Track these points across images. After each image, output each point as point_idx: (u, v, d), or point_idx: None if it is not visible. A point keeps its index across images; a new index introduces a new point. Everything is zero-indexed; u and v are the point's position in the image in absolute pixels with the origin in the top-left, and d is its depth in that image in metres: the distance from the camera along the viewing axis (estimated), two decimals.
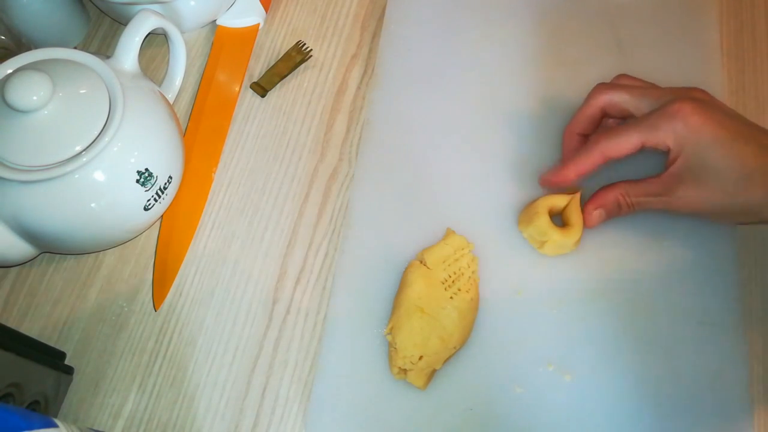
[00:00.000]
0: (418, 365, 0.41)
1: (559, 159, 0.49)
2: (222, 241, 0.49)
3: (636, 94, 0.45)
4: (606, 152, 0.44)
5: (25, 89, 0.40)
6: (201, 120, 0.53)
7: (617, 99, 0.45)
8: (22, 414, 0.30)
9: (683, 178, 0.43)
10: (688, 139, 0.42)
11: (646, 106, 0.44)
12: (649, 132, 0.43)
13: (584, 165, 0.45)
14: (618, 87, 0.46)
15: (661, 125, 0.42)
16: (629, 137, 0.43)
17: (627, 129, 0.43)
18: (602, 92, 0.46)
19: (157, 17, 0.47)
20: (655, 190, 0.44)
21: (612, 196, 0.45)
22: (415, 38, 0.54)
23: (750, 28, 0.55)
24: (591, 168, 0.45)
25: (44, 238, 0.44)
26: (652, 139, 0.43)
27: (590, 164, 0.44)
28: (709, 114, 0.42)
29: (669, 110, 0.42)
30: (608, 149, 0.44)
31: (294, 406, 0.44)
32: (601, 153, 0.44)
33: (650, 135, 0.43)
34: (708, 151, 0.41)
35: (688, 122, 0.42)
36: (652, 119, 0.43)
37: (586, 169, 0.45)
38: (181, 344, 0.46)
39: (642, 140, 0.43)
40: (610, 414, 0.42)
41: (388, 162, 0.50)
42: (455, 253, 0.44)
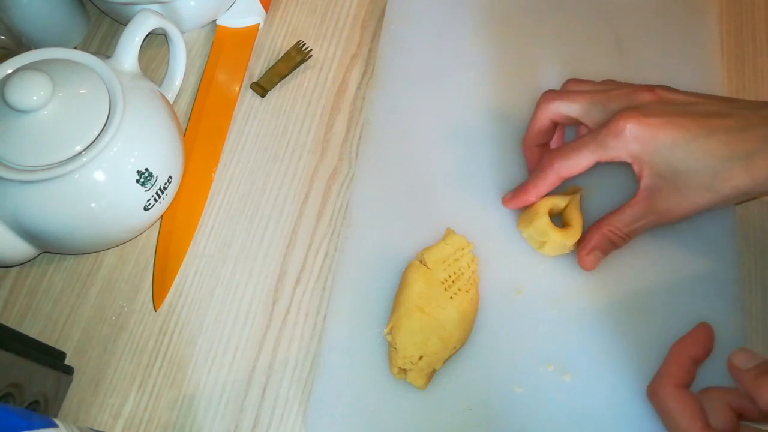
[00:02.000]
0: (418, 365, 0.41)
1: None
2: (222, 241, 0.49)
3: (583, 102, 0.43)
4: (561, 174, 0.43)
5: (25, 89, 0.40)
6: (201, 120, 0.53)
7: (564, 110, 0.44)
8: (22, 414, 0.30)
9: (660, 189, 0.41)
10: (645, 151, 0.41)
11: (595, 114, 0.43)
12: (601, 151, 0.42)
13: (543, 187, 0.44)
14: (565, 96, 0.44)
15: (610, 144, 0.41)
16: (582, 157, 0.42)
17: (579, 148, 0.42)
18: (549, 103, 0.45)
19: (157, 17, 0.47)
20: (639, 212, 0.43)
21: (601, 236, 0.44)
22: (415, 38, 0.54)
23: (750, 28, 0.55)
24: (551, 188, 0.44)
25: (44, 238, 0.44)
26: (606, 157, 0.42)
27: (548, 185, 0.44)
28: (658, 119, 0.40)
29: (614, 128, 0.41)
30: (562, 170, 0.43)
31: (294, 406, 0.44)
32: (557, 175, 0.44)
33: (603, 153, 0.42)
34: (672, 157, 0.40)
35: (637, 137, 0.40)
36: (601, 137, 0.42)
37: (545, 190, 0.44)
38: (181, 344, 0.46)
39: (595, 159, 0.42)
40: (610, 414, 0.42)
41: (388, 162, 0.50)
42: (455, 253, 0.44)
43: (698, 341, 0.40)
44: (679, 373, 0.39)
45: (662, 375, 0.39)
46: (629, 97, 0.43)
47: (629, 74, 0.52)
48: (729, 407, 0.37)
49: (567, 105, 0.44)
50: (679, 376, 0.39)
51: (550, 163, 0.44)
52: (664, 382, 0.39)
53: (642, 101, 0.42)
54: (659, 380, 0.39)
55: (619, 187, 0.46)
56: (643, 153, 0.41)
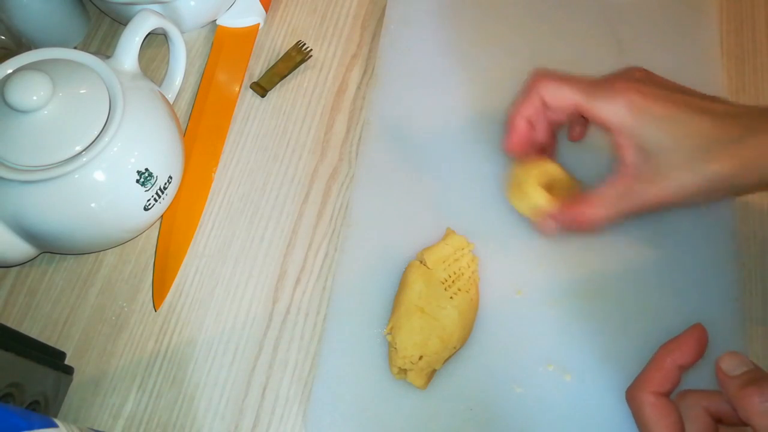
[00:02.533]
0: (418, 365, 0.41)
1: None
2: (222, 241, 0.49)
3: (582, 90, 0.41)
4: (542, 93, 0.42)
5: (25, 89, 0.40)
6: (201, 120, 0.53)
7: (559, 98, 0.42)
8: (22, 414, 0.30)
9: (639, 168, 0.40)
10: (635, 123, 0.40)
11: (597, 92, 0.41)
12: (590, 100, 0.41)
13: (525, 108, 0.43)
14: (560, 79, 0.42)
15: (600, 100, 0.40)
16: (568, 91, 0.41)
17: (570, 82, 0.42)
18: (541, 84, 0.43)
19: (157, 17, 0.47)
20: (617, 192, 0.41)
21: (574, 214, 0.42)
22: (415, 38, 0.54)
23: (750, 28, 0.55)
24: (532, 110, 0.43)
25: (44, 238, 0.44)
26: (591, 109, 0.41)
27: (530, 107, 0.43)
28: (653, 92, 0.40)
29: (611, 89, 0.40)
30: (545, 94, 0.42)
31: (294, 406, 0.44)
32: (539, 95, 0.42)
33: (591, 105, 0.41)
34: (661, 130, 0.39)
35: (632, 105, 0.39)
36: (594, 90, 0.41)
37: (527, 111, 0.43)
38: (181, 344, 0.46)
39: (579, 102, 0.41)
40: (610, 414, 0.42)
41: (388, 162, 0.50)
42: (455, 253, 0.44)
43: (687, 346, 0.37)
44: (660, 379, 0.37)
45: (643, 380, 0.37)
46: (625, 73, 0.42)
47: None
48: (707, 413, 0.35)
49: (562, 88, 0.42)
50: (659, 383, 0.37)
51: (532, 84, 0.43)
52: (642, 388, 0.37)
53: (636, 77, 0.42)
54: (639, 385, 0.37)
55: None
56: (633, 124, 0.40)
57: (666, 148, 0.39)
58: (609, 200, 0.42)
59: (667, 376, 0.37)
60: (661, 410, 0.36)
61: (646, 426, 0.36)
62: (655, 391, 0.37)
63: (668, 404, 0.36)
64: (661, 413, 0.36)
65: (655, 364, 0.37)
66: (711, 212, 0.43)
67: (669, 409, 0.36)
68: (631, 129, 0.40)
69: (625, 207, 0.42)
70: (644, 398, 0.37)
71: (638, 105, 0.40)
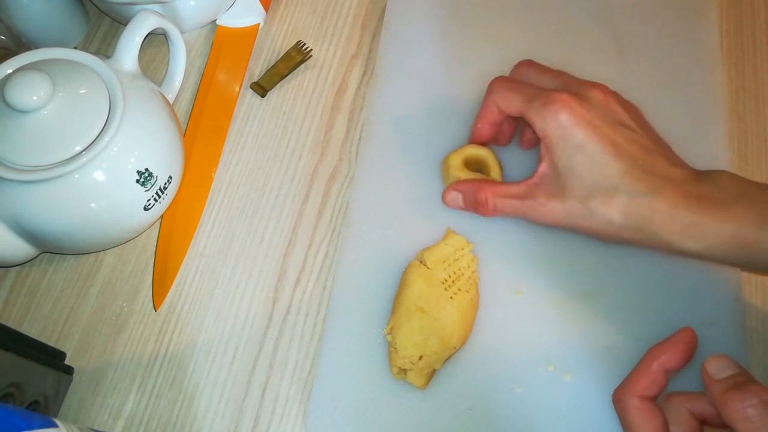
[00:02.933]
0: (418, 365, 0.41)
1: None
2: (222, 241, 0.49)
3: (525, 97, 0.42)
4: (496, 100, 0.44)
5: (25, 89, 0.40)
6: (201, 120, 0.53)
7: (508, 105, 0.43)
8: (22, 414, 0.30)
9: (546, 181, 0.41)
10: (557, 137, 0.40)
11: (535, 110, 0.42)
12: (527, 107, 0.41)
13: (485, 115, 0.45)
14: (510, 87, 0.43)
15: (535, 107, 0.41)
16: (514, 100, 0.42)
17: (517, 90, 0.42)
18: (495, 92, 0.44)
19: (157, 17, 0.47)
20: (518, 192, 0.43)
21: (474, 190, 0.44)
22: (415, 38, 0.54)
23: (750, 28, 0.55)
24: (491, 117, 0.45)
25: (44, 238, 0.44)
26: (528, 116, 0.41)
27: (489, 114, 0.44)
28: (588, 115, 0.40)
29: (547, 99, 0.40)
30: (498, 101, 0.44)
31: (294, 406, 0.44)
32: (494, 102, 0.44)
33: (528, 111, 0.41)
34: (574, 154, 0.40)
35: (559, 118, 0.40)
36: (534, 97, 0.41)
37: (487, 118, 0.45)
38: (181, 344, 0.46)
39: (521, 111, 0.42)
40: (610, 414, 0.42)
41: (388, 162, 0.50)
42: (455, 253, 0.44)
43: (675, 350, 0.37)
44: (646, 383, 0.37)
45: (628, 384, 0.37)
46: (581, 85, 0.42)
47: (629, 74, 0.52)
48: (692, 415, 0.36)
49: (511, 96, 0.43)
50: (644, 387, 0.37)
51: (489, 91, 0.44)
52: (628, 391, 0.37)
53: (589, 95, 0.41)
54: (624, 389, 0.37)
55: None
56: (554, 137, 0.40)
57: (571, 173, 0.40)
58: (509, 198, 0.43)
59: (653, 380, 0.37)
60: (646, 414, 0.36)
61: (631, 429, 0.36)
62: (640, 395, 0.37)
63: (653, 408, 0.36)
64: (645, 417, 0.36)
65: (642, 368, 0.38)
66: None
67: (654, 413, 0.36)
68: (550, 143, 0.41)
69: (519, 211, 0.43)
70: (630, 401, 0.37)
71: (564, 123, 0.40)
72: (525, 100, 0.42)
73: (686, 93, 0.51)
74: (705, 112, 0.50)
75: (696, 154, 0.48)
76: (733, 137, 0.51)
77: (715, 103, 0.51)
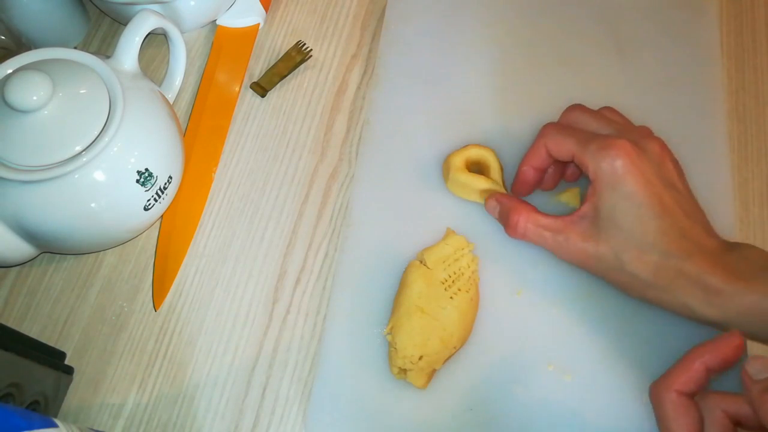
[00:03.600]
0: (418, 365, 0.41)
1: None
2: (222, 241, 0.49)
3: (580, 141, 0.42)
4: (547, 143, 0.44)
5: (25, 89, 0.40)
6: (201, 120, 0.53)
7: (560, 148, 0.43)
8: (22, 414, 0.30)
9: (585, 223, 0.41)
10: (608, 180, 0.40)
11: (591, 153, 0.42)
12: (582, 149, 0.41)
13: (532, 158, 0.45)
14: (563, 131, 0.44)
15: (591, 151, 0.41)
16: (566, 143, 0.43)
17: (570, 134, 0.43)
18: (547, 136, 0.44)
19: (157, 17, 0.47)
20: (553, 225, 0.43)
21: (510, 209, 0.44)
22: (415, 38, 0.54)
23: (750, 28, 0.55)
24: (539, 161, 0.45)
25: (44, 238, 0.44)
26: (580, 158, 0.42)
27: (537, 158, 0.45)
28: (643, 167, 0.40)
29: (606, 142, 0.40)
30: (549, 142, 0.44)
31: (294, 406, 0.44)
32: (544, 146, 0.44)
33: (581, 153, 0.42)
34: (621, 202, 0.40)
35: (615, 164, 0.40)
36: (591, 139, 0.42)
37: (534, 162, 0.45)
38: (181, 344, 0.46)
39: (573, 153, 0.42)
40: (610, 414, 0.42)
41: (388, 162, 0.50)
42: (455, 253, 0.44)
43: (720, 351, 0.37)
44: (687, 380, 0.37)
45: (668, 378, 0.37)
46: (639, 135, 0.42)
47: (629, 74, 0.52)
48: (726, 416, 0.36)
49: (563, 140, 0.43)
50: (685, 383, 0.37)
51: (539, 136, 0.45)
52: (667, 386, 0.37)
53: (647, 147, 0.41)
54: (663, 382, 0.37)
55: None
56: (605, 181, 0.40)
57: (614, 223, 0.40)
58: (541, 228, 0.43)
59: (692, 377, 0.37)
60: (681, 409, 0.36)
61: (666, 423, 0.37)
62: (679, 390, 0.37)
63: (690, 404, 0.36)
64: (680, 411, 0.36)
65: (683, 364, 0.37)
66: (711, 212, 0.43)
67: (690, 409, 0.36)
68: (600, 187, 0.41)
69: (547, 244, 0.43)
70: (667, 395, 0.37)
71: (619, 170, 0.40)
72: (579, 143, 0.42)
73: (686, 93, 0.51)
74: (705, 112, 0.50)
75: (696, 154, 0.48)
76: (733, 137, 0.51)
77: (715, 103, 0.51)
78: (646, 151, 0.41)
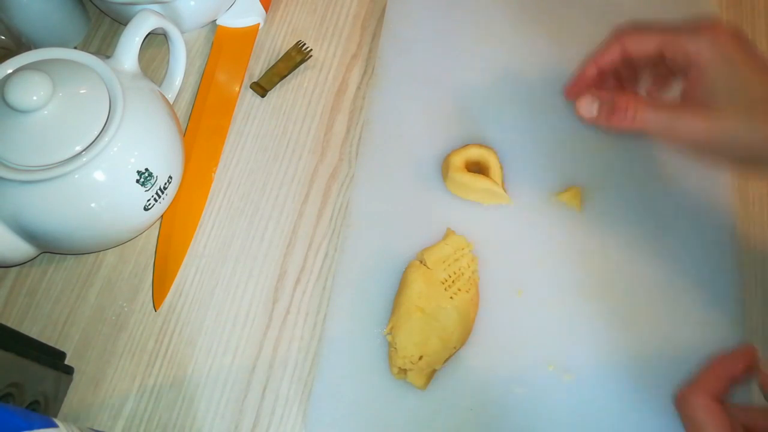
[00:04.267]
0: (418, 365, 0.41)
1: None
2: (222, 241, 0.49)
3: (666, 32, 0.41)
4: (625, 45, 0.42)
5: (25, 89, 0.40)
6: (201, 120, 0.53)
7: (641, 43, 0.42)
8: (22, 414, 0.30)
9: (696, 99, 0.40)
10: (713, 56, 0.39)
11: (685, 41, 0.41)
12: (672, 37, 0.41)
13: (602, 57, 0.43)
14: (642, 28, 0.43)
15: (685, 34, 0.40)
16: (651, 36, 0.41)
17: (651, 28, 0.42)
18: (624, 34, 0.43)
19: (157, 17, 0.47)
20: (671, 104, 0.41)
21: (616, 95, 0.41)
22: (415, 38, 0.54)
23: (750, 27, 0.55)
24: (609, 60, 0.43)
25: (44, 238, 0.44)
26: (672, 47, 0.40)
27: (608, 56, 0.43)
28: (742, 41, 0.40)
29: (700, 24, 0.40)
30: (627, 42, 0.42)
31: (294, 406, 0.44)
32: (621, 44, 0.42)
33: (672, 41, 0.41)
34: (730, 71, 0.39)
35: (717, 39, 0.39)
36: (680, 28, 0.41)
37: (603, 60, 0.43)
38: (181, 344, 0.46)
39: (662, 43, 0.41)
40: (610, 414, 0.42)
41: (388, 162, 0.50)
42: (455, 253, 0.44)
43: (740, 360, 0.38)
44: (716, 386, 0.38)
45: (698, 384, 0.38)
46: (709, 21, 0.41)
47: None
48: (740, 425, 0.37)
49: (644, 34, 0.42)
50: (715, 389, 0.37)
51: (615, 34, 0.43)
52: (698, 392, 0.37)
53: (723, 27, 0.41)
54: (694, 389, 0.38)
55: (620, 189, 0.46)
56: (712, 58, 0.39)
57: (725, 89, 0.39)
58: (657, 109, 0.40)
59: (722, 384, 0.38)
60: (718, 414, 0.37)
61: (698, 429, 0.37)
62: (711, 396, 0.37)
63: (721, 408, 0.37)
64: (714, 415, 0.37)
65: (713, 371, 0.38)
66: (711, 212, 0.43)
67: (725, 414, 0.37)
68: (707, 63, 0.40)
69: (667, 126, 0.40)
70: (698, 401, 0.37)
71: (722, 44, 0.39)
72: (667, 33, 0.41)
73: None
74: None
75: None
76: None
77: None
78: (727, 29, 0.40)
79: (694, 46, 0.40)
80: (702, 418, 0.37)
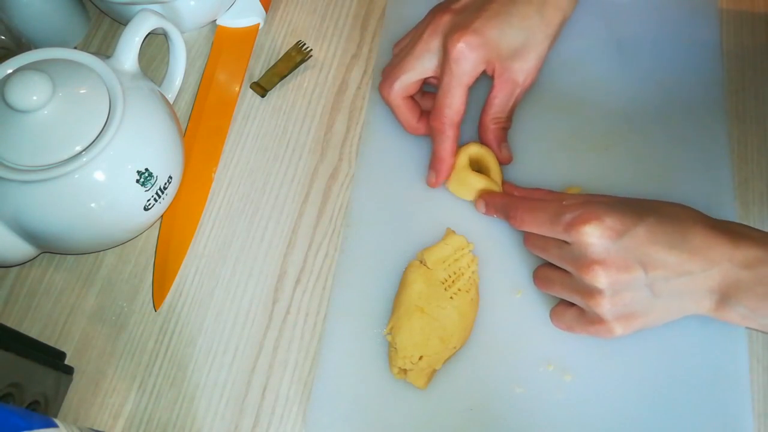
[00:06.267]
0: (418, 365, 0.41)
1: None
2: (222, 241, 0.49)
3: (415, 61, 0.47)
4: (449, 117, 0.46)
5: (25, 89, 0.40)
6: (201, 120, 0.53)
7: (411, 78, 0.47)
8: (22, 414, 0.30)
9: (510, 67, 0.46)
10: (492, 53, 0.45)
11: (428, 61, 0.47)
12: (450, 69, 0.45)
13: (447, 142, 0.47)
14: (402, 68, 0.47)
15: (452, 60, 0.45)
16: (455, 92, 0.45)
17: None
18: (392, 84, 0.47)
19: (157, 17, 0.47)
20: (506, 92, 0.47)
21: (494, 131, 0.48)
22: None
23: (750, 27, 0.55)
24: (454, 138, 0.47)
25: (44, 238, 0.44)
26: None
27: (450, 137, 0.47)
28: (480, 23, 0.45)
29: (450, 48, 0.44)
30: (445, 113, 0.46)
31: (294, 406, 0.44)
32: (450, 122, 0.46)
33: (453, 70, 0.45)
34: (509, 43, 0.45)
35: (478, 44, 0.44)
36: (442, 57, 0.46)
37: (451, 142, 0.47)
38: (181, 344, 0.46)
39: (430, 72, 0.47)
40: (610, 414, 0.42)
41: (388, 162, 0.50)
42: (455, 253, 0.44)
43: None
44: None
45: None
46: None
47: (629, 74, 0.52)
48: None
49: (408, 74, 0.47)
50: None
51: (434, 118, 0.46)
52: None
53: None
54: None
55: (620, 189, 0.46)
56: (492, 55, 0.45)
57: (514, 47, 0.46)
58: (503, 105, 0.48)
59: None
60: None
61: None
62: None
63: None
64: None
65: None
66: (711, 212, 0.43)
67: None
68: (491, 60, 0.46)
69: (515, 103, 0.48)
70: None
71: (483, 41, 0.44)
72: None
73: (686, 93, 0.51)
74: (705, 113, 0.50)
75: (696, 154, 0.48)
76: (733, 137, 0.51)
77: (715, 104, 0.51)
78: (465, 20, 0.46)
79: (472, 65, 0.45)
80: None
